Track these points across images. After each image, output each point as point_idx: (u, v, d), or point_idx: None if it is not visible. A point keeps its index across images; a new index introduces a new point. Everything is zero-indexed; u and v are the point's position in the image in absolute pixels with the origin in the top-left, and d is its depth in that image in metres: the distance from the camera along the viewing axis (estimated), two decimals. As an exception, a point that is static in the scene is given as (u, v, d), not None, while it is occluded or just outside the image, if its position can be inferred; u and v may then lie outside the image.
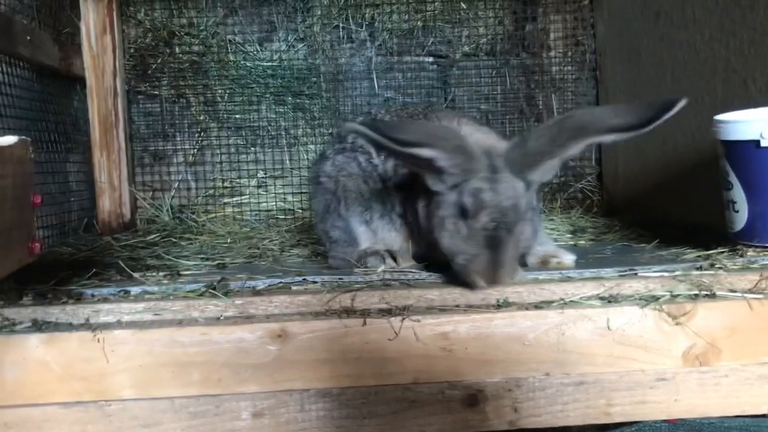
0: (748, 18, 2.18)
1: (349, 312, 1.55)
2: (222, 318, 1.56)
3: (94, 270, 1.89)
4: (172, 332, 1.50)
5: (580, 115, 1.73)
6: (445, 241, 1.70)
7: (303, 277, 1.73)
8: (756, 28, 2.14)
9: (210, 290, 1.62)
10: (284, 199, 3.43)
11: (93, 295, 1.66)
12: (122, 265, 1.88)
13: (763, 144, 1.75)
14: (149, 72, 3.39)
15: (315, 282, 1.71)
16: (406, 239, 2.08)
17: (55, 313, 1.55)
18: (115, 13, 3.24)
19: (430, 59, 3.46)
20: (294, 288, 1.69)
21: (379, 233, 2.08)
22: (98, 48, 3.22)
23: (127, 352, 1.49)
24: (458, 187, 1.67)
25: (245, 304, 1.57)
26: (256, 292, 1.64)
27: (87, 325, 1.52)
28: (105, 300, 1.63)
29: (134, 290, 1.69)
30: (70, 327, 1.52)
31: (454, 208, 1.67)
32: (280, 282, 1.71)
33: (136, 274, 1.92)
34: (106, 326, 1.52)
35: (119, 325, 1.54)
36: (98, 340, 1.48)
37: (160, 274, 1.95)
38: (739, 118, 1.84)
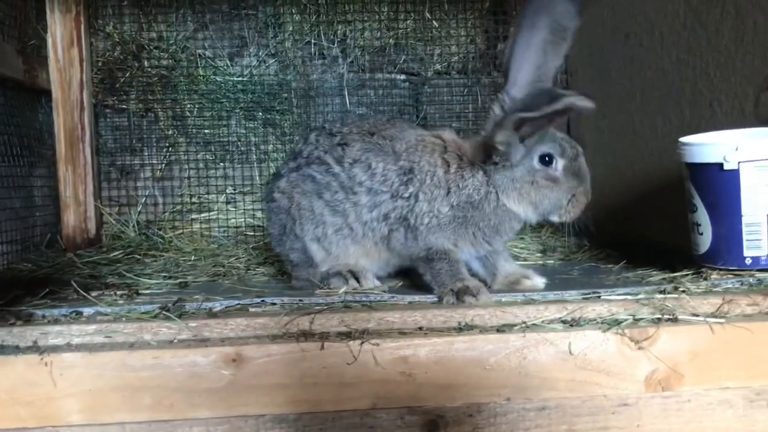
0: (713, 41, 2.19)
1: (307, 335, 1.51)
2: (175, 341, 1.51)
3: (48, 289, 1.84)
4: (123, 355, 1.45)
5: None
6: (550, 196, 1.89)
7: (262, 299, 1.69)
8: (721, 51, 2.15)
9: (164, 312, 1.58)
10: (253, 215, 3.38)
11: (44, 316, 1.61)
12: (74, 285, 1.82)
13: (726, 167, 1.76)
14: (117, 85, 3.33)
15: (274, 304, 1.68)
16: (366, 253, 2.05)
17: (0, 335, 1.49)
18: (83, 25, 3.19)
19: (402, 77, 3.45)
20: (252, 310, 1.65)
21: (333, 250, 2.05)
22: (65, 60, 3.17)
23: (76, 375, 1.44)
24: (529, 148, 1.87)
25: (200, 326, 1.53)
26: (212, 314, 1.60)
27: (35, 348, 1.48)
28: (55, 321, 1.58)
29: (87, 311, 1.64)
30: (16, 350, 1.47)
31: (539, 164, 1.87)
32: (238, 303, 1.68)
33: (93, 293, 1.87)
34: (55, 349, 1.47)
35: (69, 347, 1.49)
36: (45, 364, 1.43)
37: (118, 293, 1.90)
38: (703, 140, 1.85)
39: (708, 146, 1.80)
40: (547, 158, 1.87)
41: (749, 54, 2.03)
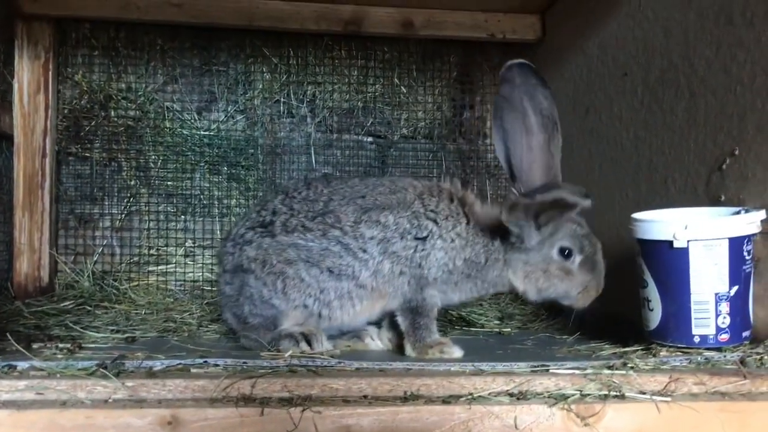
0: (668, 120, 2.25)
1: (247, 400, 1.47)
2: (110, 400, 1.46)
3: (-16, 340, 1.78)
4: (53, 414, 1.40)
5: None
6: (559, 286, 2.01)
7: (205, 359, 1.65)
8: (675, 131, 2.21)
9: (101, 369, 1.53)
10: (211, 269, 3.33)
11: (-26, 369, 1.55)
12: (9, 337, 1.76)
13: (676, 245, 1.77)
14: (82, 134, 3.31)
15: (217, 365, 1.63)
16: (371, 306, 2.05)
17: (-76, 388, 1.43)
18: (51, 72, 3.19)
19: (369, 139, 3.49)
20: (193, 371, 1.60)
21: (334, 315, 2.03)
22: (30, 106, 3.15)
23: (2, 434, 1.38)
24: (547, 240, 1.98)
25: (137, 386, 1.48)
26: (151, 374, 1.55)
27: (-40, 403, 1.41)
28: (-15, 375, 1.52)
29: (21, 365, 1.58)
30: (-61, 405, 1.41)
31: (557, 255, 1.98)
32: (180, 363, 1.63)
33: (35, 345, 1.82)
34: (-19, 405, 1.41)
35: (-4, 404, 1.43)
36: (-31, 421, 1.37)
37: (59, 347, 1.85)
38: (654, 217, 1.87)
39: (658, 223, 1.82)
40: (566, 252, 1.98)
41: (701, 134, 2.08)
